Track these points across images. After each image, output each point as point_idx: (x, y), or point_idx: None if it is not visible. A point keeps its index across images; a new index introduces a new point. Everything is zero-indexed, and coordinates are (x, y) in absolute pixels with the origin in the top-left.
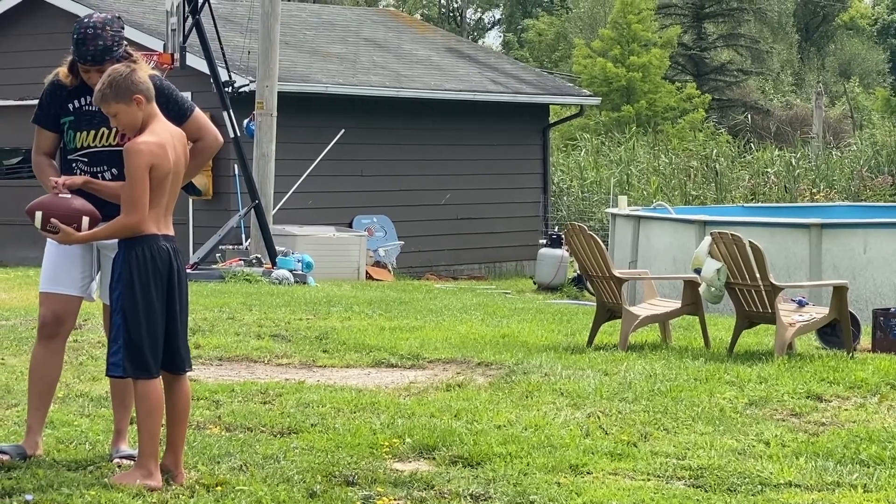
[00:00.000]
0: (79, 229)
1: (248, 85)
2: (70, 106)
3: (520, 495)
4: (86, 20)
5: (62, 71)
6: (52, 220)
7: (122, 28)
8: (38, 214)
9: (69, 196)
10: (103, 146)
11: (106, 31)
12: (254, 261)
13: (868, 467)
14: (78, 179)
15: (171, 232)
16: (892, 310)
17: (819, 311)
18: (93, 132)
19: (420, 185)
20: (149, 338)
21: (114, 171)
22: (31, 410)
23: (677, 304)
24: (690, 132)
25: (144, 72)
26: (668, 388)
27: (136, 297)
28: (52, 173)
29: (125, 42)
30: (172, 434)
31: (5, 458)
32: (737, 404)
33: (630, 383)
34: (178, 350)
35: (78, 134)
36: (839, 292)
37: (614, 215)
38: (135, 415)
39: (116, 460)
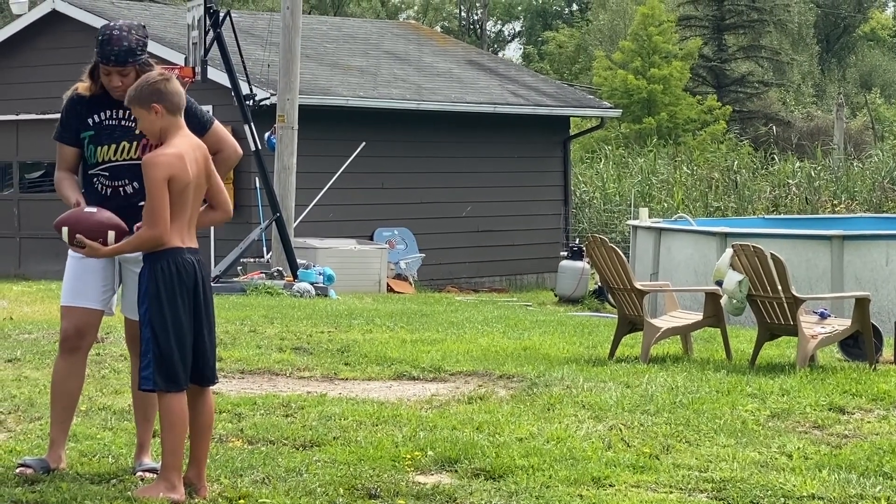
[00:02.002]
0: (105, 243)
1: (269, 98)
2: (90, 120)
3: None
4: (112, 23)
5: (81, 83)
6: (78, 235)
7: (147, 36)
8: (65, 230)
9: (94, 210)
10: (124, 160)
11: (131, 35)
12: (275, 273)
13: (891, 480)
14: None
15: (196, 244)
16: None
17: (841, 323)
18: (113, 146)
19: (441, 198)
20: (178, 350)
21: (135, 184)
22: (54, 424)
23: (699, 317)
24: (712, 144)
25: (175, 84)
26: (690, 400)
27: (164, 311)
28: (71, 188)
29: (147, 52)
30: (196, 447)
31: (29, 471)
32: (759, 416)
33: (652, 396)
34: (206, 362)
35: (98, 148)
36: (861, 304)
37: (635, 227)
38: (158, 427)
39: (139, 473)
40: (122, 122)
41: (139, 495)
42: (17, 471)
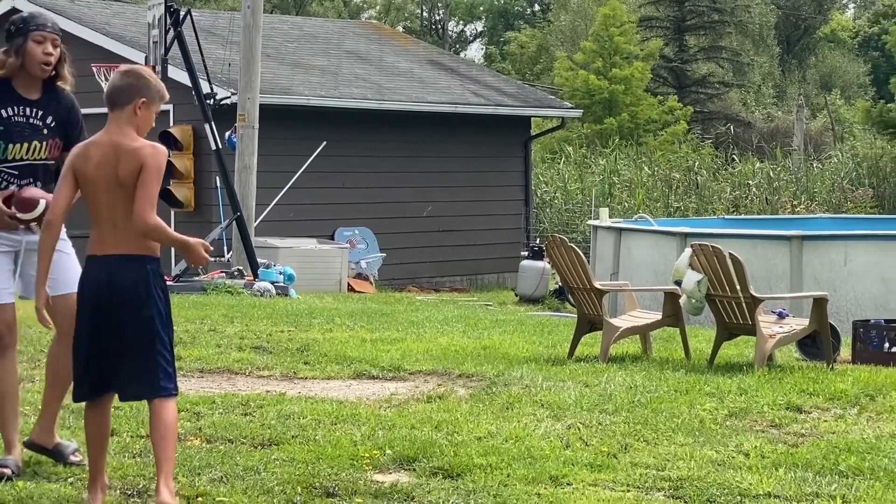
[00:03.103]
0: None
1: (229, 97)
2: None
3: None
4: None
5: None
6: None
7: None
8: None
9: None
10: (33, 159)
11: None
12: (235, 273)
13: (847, 478)
14: None
15: (128, 250)
16: (872, 321)
17: (799, 323)
18: (25, 145)
19: (402, 198)
20: (75, 363)
21: (38, 183)
22: (6, 425)
23: (658, 316)
24: (673, 144)
25: (113, 78)
26: (649, 399)
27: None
28: None
29: None
30: (155, 457)
31: (7, 471)
32: (717, 416)
33: (610, 395)
34: (122, 379)
35: (10, 146)
36: (819, 304)
37: (596, 227)
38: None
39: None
40: (31, 120)
41: None
42: None
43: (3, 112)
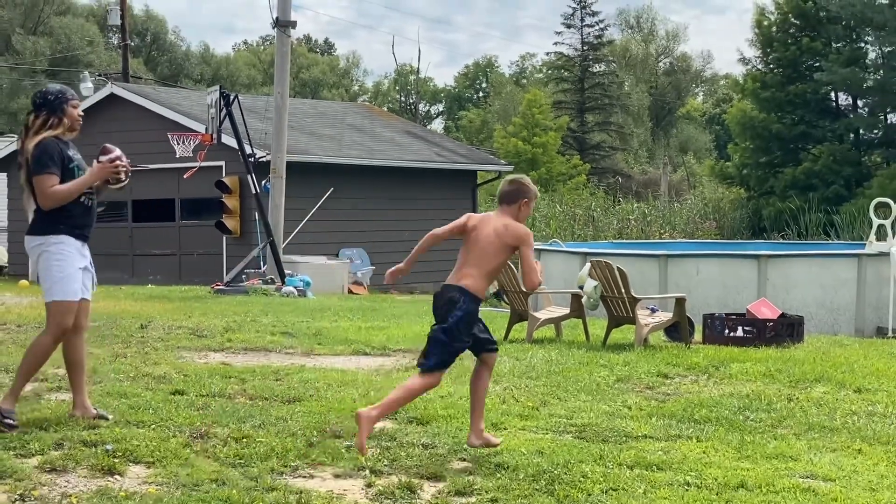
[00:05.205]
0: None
1: (265, 156)
2: None
3: (457, 444)
4: None
5: None
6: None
7: None
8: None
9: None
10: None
11: None
12: (269, 280)
13: (700, 425)
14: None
15: (458, 282)
16: (716, 314)
17: (666, 316)
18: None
19: (386, 227)
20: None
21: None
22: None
23: (567, 311)
24: (577, 190)
25: (505, 184)
26: (561, 369)
27: None
28: None
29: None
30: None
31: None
32: (608, 380)
33: (534, 366)
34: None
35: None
36: (680, 302)
37: None
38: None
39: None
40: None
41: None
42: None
43: (75, 155)
